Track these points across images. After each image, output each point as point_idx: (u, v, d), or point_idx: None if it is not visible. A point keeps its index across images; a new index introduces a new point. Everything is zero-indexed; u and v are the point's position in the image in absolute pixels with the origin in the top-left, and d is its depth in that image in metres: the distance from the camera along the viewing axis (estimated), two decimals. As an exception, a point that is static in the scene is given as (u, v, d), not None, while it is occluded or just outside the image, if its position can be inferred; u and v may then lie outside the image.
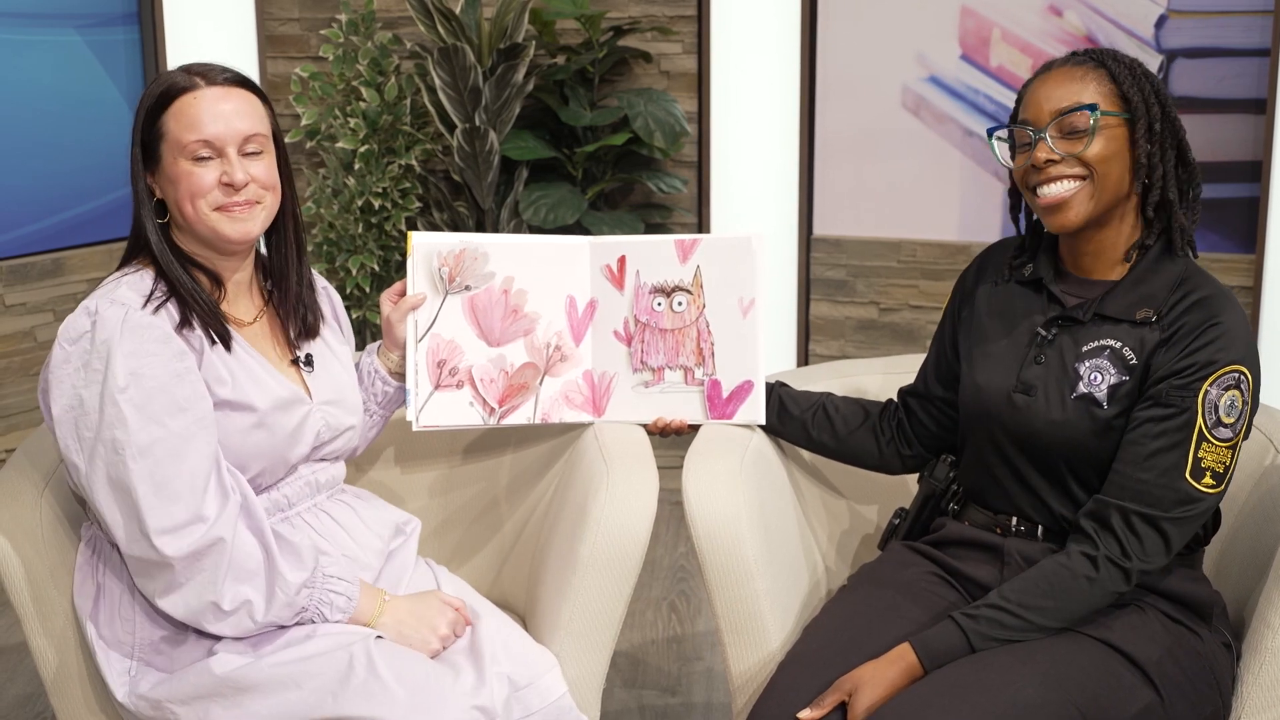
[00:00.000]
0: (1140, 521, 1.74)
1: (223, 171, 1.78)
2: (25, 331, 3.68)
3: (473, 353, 2.06)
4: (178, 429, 1.70)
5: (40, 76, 3.65)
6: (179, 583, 1.71)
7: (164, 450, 1.69)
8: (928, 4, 3.68)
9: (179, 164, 1.78)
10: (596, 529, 1.90)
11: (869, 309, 3.85)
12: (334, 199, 3.85)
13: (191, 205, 1.78)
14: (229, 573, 1.71)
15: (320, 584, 1.77)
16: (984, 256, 2.03)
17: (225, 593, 1.71)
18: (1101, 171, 1.80)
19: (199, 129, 1.77)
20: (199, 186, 1.77)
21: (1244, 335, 1.77)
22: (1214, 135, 3.52)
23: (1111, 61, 1.82)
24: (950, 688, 1.67)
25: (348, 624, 1.79)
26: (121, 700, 1.80)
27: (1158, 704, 1.73)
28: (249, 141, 1.79)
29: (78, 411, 1.72)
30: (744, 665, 1.93)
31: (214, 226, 1.80)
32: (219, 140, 1.77)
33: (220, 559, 1.70)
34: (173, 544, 1.69)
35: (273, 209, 1.85)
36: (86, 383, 1.71)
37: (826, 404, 2.12)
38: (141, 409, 1.69)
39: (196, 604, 1.72)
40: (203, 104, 1.78)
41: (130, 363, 1.70)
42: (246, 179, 1.79)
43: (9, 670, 2.93)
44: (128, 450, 1.69)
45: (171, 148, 1.78)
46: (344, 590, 1.78)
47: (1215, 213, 3.55)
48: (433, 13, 3.67)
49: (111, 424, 1.69)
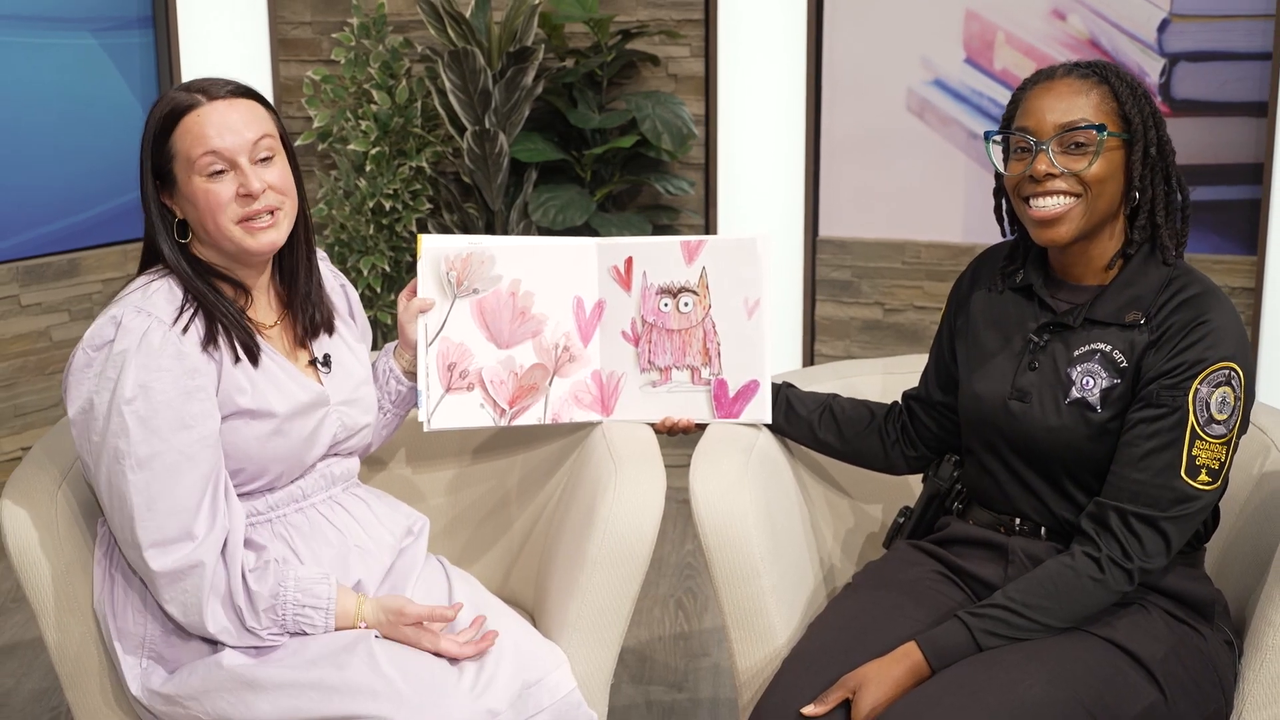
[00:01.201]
0: (1139, 522, 1.74)
1: (239, 183, 1.78)
2: (41, 331, 3.69)
3: (482, 355, 2.06)
4: (179, 445, 1.71)
5: (57, 79, 3.65)
6: (166, 597, 1.74)
7: (162, 465, 1.71)
8: (932, 8, 3.68)
9: (194, 182, 1.78)
10: (605, 527, 1.90)
11: (874, 310, 3.85)
12: (345, 200, 3.85)
13: (214, 222, 1.78)
14: (211, 594, 1.74)
15: (290, 614, 1.76)
16: (977, 263, 2.03)
17: (208, 614, 1.74)
18: (1096, 191, 1.79)
19: (206, 142, 1.76)
20: (217, 201, 1.77)
21: (1234, 332, 1.76)
22: (1216, 138, 3.51)
23: (1115, 79, 1.81)
24: (958, 686, 1.67)
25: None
26: (135, 694, 1.81)
27: (1161, 702, 1.72)
28: (258, 146, 1.79)
29: (88, 415, 1.73)
30: (750, 661, 1.93)
31: (238, 242, 1.80)
32: (229, 151, 1.77)
33: (201, 581, 1.73)
34: (158, 559, 1.72)
35: (292, 214, 1.85)
36: (99, 389, 1.72)
37: (833, 405, 2.12)
38: (145, 422, 1.70)
39: (183, 619, 1.76)
40: (208, 118, 1.77)
41: (141, 375, 1.71)
42: (263, 186, 1.78)
43: (25, 666, 2.93)
44: (127, 460, 1.70)
45: (184, 166, 1.78)
46: (317, 622, 1.77)
47: (1217, 214, 3.54)
48: (443, 16, 3.68)
49: (116, 433, 1.70)
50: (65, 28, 3.66)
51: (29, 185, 3.63)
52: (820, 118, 3.80)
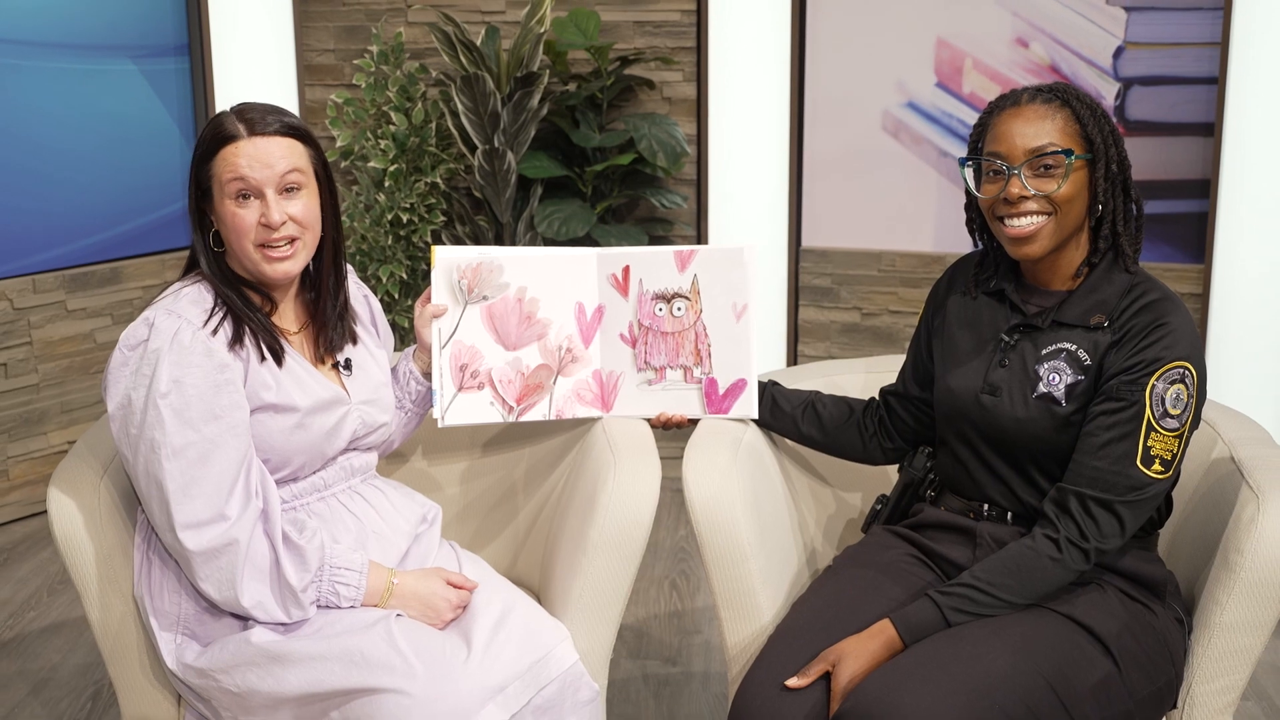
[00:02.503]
0: (1096, 506, 1.74)
1: (261, 212, 1.78)
2: (86, 334, 3.69)
3: (492, 357, 2.06)
4: (210, 434, 1.72)
5: (100, 103, 3.65)
6: (201, 575, 1.74)
7: (196, 453, 1.71)
8: (906, 35, 3.68)
9: (225, 203, 1.79)
10: (605, 514, 1.90)
11: (852, 314, 3.84)
12: (366, 213, 3.85)
13: (238, 243, 1.79)
14: (246, 571, 1.73)
15: (327, 576, 1.78)
16: (953, 269, 2.03)
17: (244, 590, 1.74)
18: (1065, 209, 1.79)
19: (237, 170, 1.77)
20: (242, 226, 1.78)
21: (1188, 335, 1.77)
22: (1167, 156, 3.51)
23: (1076, 102, 1.81)
24: (929, 659, 1.67)
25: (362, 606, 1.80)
26: (171, 668, 1.81)
27: (1116, 673, 1.72)
28: (286, 179, 1.79)
29: (126, 410, 1.73)
30: (738, 638, 1.93)
31: (255, 266, 1.81)
32: (257, 182, 1.77)
33: (235, 558, 1.72)
34: (193, 539, 1.71)
35: (312, 245, 1.85)
36: (135, 385, 1.73)
37: (815, 401, 2.12)
38: (179, 414, 1.71)
39: (218, 596, 1.75)
40: (244, 149, 1.77)
41: (174, 371, 1.71)
42: (283, 218, 1.79)
43: (71, 642, 2.93)
44: (163, 450, 1.70)
45: (219, 188, 1.79)
46: (351, 580, 1.79)
47: (1167, 226, 3.55)
48: (456, 44, 3.68)
49: (152, 425, 1.71)
50: (108, 55, 3.65)
51: (74, 200, 3.63)
52: (802, 137, 3.80)
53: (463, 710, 1.67)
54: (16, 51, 3.46)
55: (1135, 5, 3.46)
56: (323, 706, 1.72)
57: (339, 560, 1.79)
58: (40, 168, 3.54)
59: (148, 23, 3.74)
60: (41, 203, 3.56)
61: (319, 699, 1.72)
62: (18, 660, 2.85)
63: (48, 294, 3.59)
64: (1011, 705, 1.63)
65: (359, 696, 1.69)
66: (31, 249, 3.56)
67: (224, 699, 1.78)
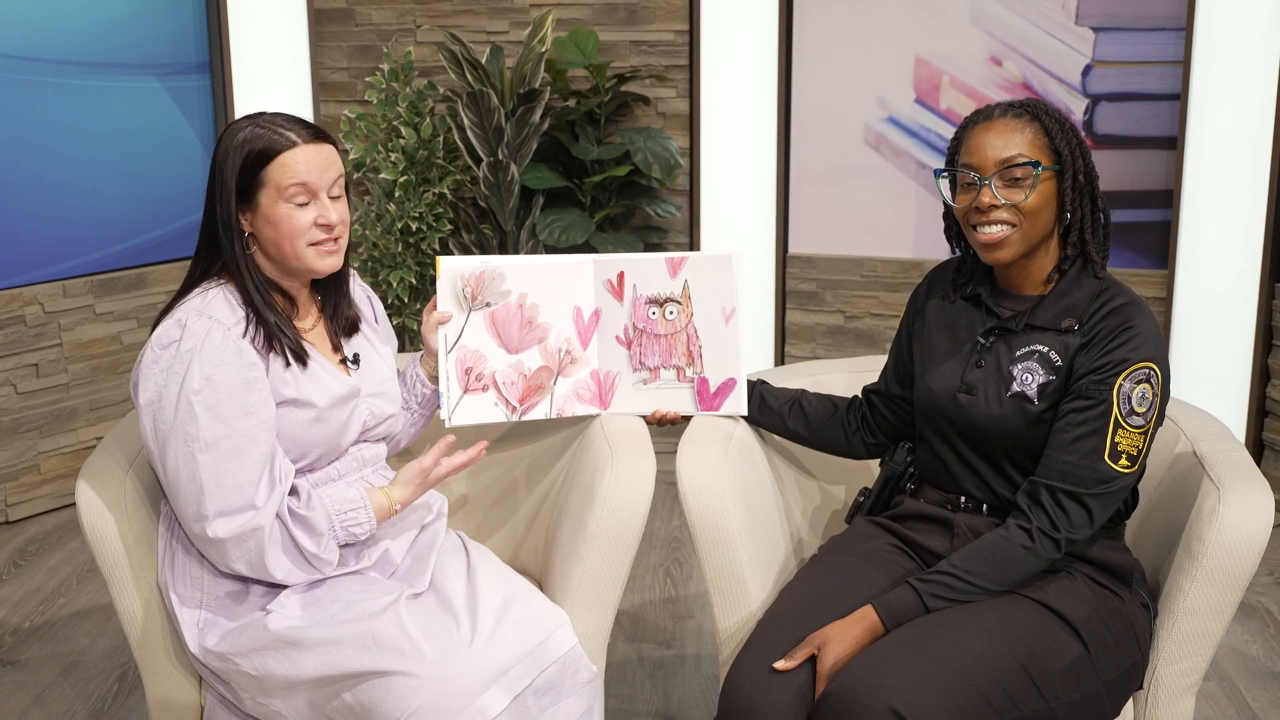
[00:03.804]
0: (1066, 498, 1.74)
1: (318, 214, 1.78)
2: (113, 336, 3.68)
3: (495, 360, 2.06)
4: (241, 429, 1.71)
5: (127, 118, 3.64)
6: (234, 557, 1.74)
7: (228, 446, 1.71)
8: (887, 54, 3.68)
9: (278, 207, 1.77)
10: (602, 506, 1.89)
11: (836, 317, 3.84)
12: (377, 222, 3.84)
13: (290, 243, 1.79)
14: (270, 550, 1.75)
15: (339, 524, 1.80)
16: (932, 275, 2.02)
17: (273, 566, 1.75)
18: (1033, 218, 1.79)
19: (297, 175, 1.76)
20: (298, 227, 1.78)
21: (1154, 337, 1.76)
22: (1132, 168, 3.51)
23: (1044, 116, 1.81)
24: (909, 643, 1.67)
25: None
26: (193, 652, 1.81)
27: (1085, 656, 1.72)
28: (335, 185, 1.81)
29: (156, 406, 1.72)
30: (729, 622, 1.93)
31: (308, 263, 1.81)
32: (315, 186, 1.78)
33: (261, 540, 1.74)
34: (224, 526, 1.72)
35: (348, 242, 1.87)
36: (167, 383, 1.72)
37: (801, 399, 2.11)
38: (212, 409, 1.70)
39: (251, 572, 1.77)
40: (301, 156, 1.77)
41: (206, 369, 1.71)
42: (339, 218, 1.80)
43: (98, 628, 2.92)
44: (196, 444, 1.70)
45: (271, 194, 1.77)
46: (360, 519, 1.82)
47: (1133, 234, 3.54)
48: (462, 63, 3.68)
49: (184, 420, 1.70)
50: (133, 73, 3.64)
51: (102, 210, 3.62)
52: (789, 150, 3.80)
53: (468, 691, 1.67)
54: (49, 70, 3.45)
55: (1103, 26, 3.46)
56: (336, 688, 1.71)
57: (342, 506, 1.81)
58: (71, 179, 3.54)
59: (172, 42, 3.73)
60: (71, 212, 3.55)
61: (333, 681, 1.71)
62: (49, 644, 2.84)
63: (77, 298, 3.58)
64: (987, 686, 1.63)
65: (370, 679, 1.68)
66: (62, 256, 3.55)
67: (243, 681, 1.77)
